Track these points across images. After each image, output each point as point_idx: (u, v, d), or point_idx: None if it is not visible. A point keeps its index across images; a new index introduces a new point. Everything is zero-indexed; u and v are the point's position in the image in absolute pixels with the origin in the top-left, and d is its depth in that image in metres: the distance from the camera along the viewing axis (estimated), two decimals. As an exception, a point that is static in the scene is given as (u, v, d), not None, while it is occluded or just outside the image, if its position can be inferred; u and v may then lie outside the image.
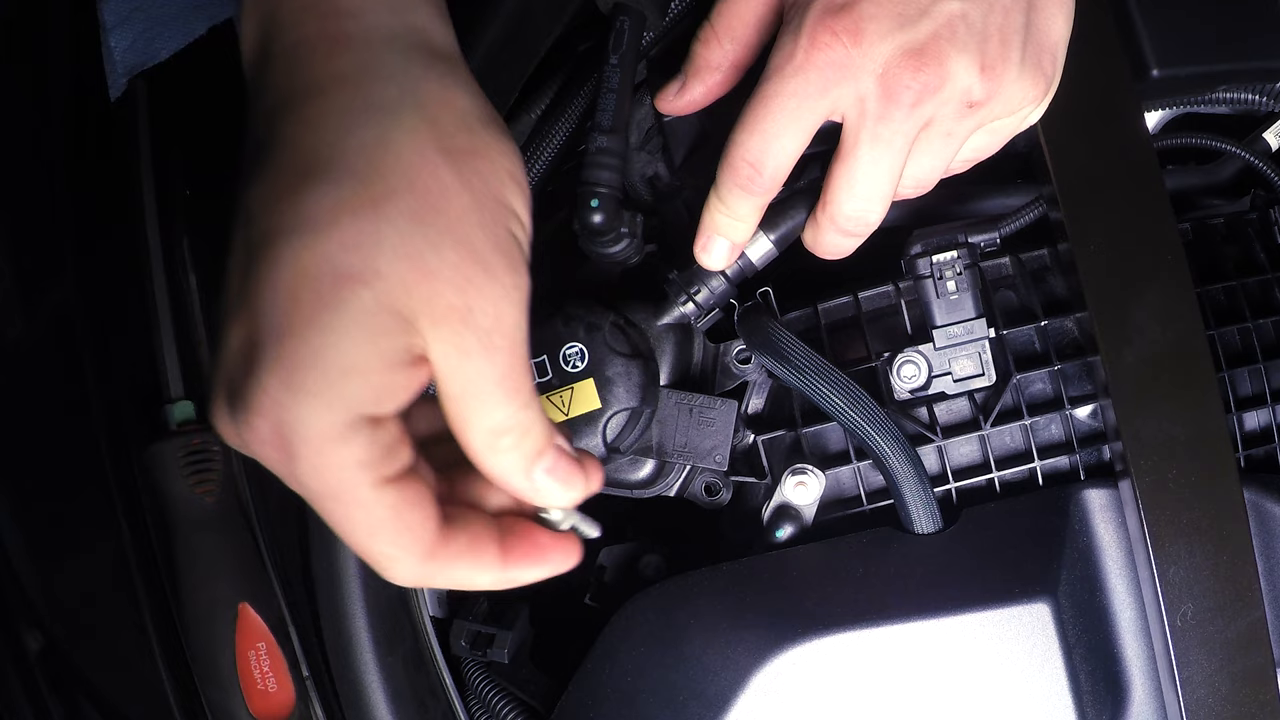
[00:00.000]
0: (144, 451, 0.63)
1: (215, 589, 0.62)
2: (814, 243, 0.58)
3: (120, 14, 0.67)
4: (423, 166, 0.39)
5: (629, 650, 0.58)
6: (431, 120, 0.39)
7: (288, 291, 0.37)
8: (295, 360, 0.37)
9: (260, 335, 0.37)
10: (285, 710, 0.62)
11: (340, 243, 0.37)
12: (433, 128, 0.39)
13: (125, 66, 0.67)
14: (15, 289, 0.70)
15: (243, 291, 0.38)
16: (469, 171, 0.39)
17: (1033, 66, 0.53)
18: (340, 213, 0.37)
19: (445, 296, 0.38)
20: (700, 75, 0.58)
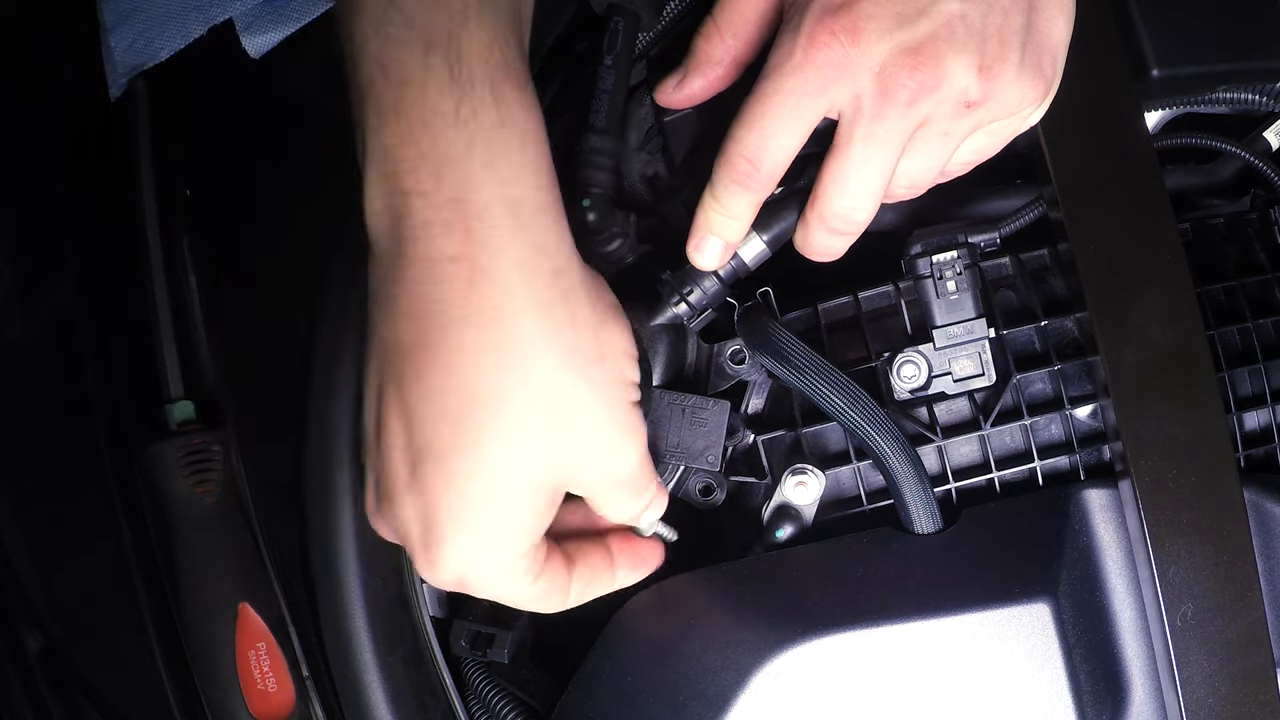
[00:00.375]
0: (144, 451, 0.63)
1: (215, 589, 0.63)
2: (803, 242, 0.58)
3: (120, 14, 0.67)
4: (567, 392, 0.47)
5: (629, 650, 0.58)
6: (568, 349, 0.47)
7: (463, 489, 0.47)
8: (478, 538, 0.48)
9: (437, 514, 0.47)
10: (285, 710, 0.62)
11: (501, 455, 0.47)
12: (568, 356, 0.47)
13: (125, 66, 0.67)
14: (15, 289, 0.70)
15: (415, 480, 0.47)
16: (601, 378, 0.49)
17: (1032, 68, 0.53)
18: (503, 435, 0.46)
19: (591, 471, 0.50)
20: (700, 69, 0.59)
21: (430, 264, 0.45)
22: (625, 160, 0.69)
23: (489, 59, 0.45)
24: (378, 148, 0.45)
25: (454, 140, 0.44)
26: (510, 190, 0.45)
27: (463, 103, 0.44)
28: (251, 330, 0.68)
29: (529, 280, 0.46)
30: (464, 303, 0.45)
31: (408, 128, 0.44)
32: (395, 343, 0.46)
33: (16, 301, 0.69)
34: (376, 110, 0.45)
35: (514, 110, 0.46)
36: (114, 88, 0.68)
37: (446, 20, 0.45)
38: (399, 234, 0.45)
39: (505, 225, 0.45)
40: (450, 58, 0.44)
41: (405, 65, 0.44)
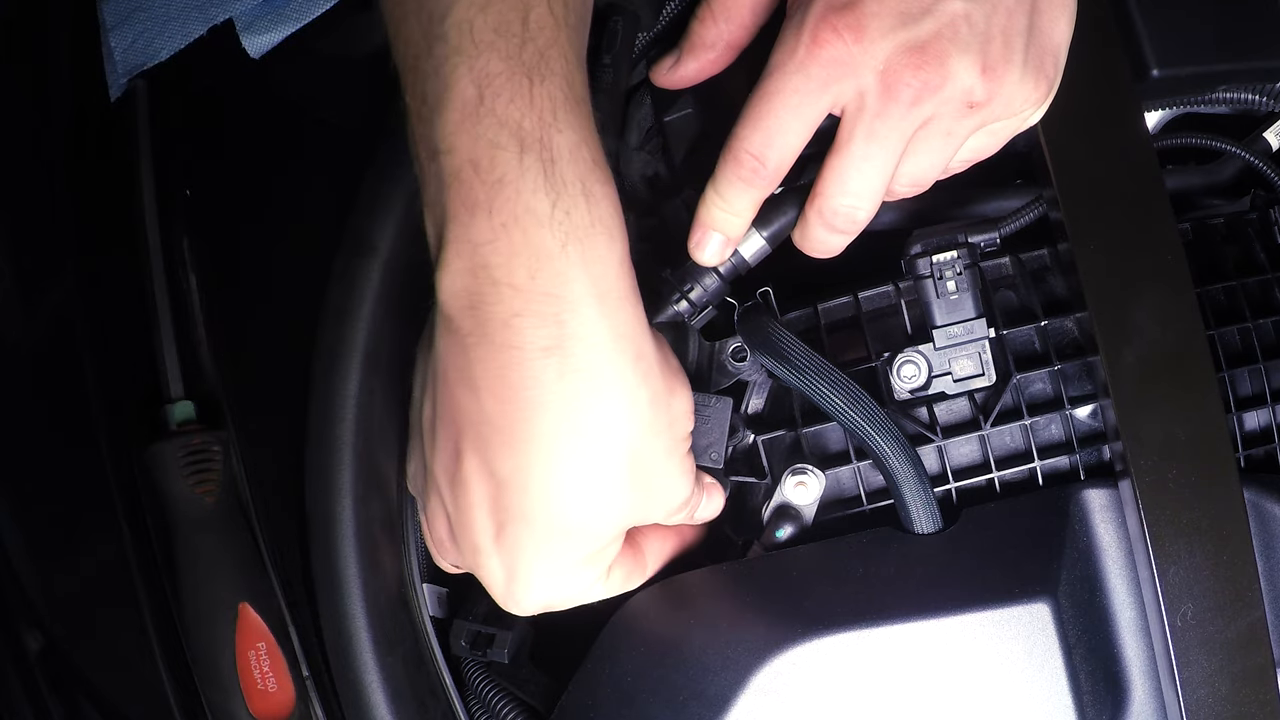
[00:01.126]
0: (144, 451, 0.63)
1: (215, 589, 0.62)
2: (802, 239, 0.58)
3: (120, 14, 0.67)
4: (645, 459, 0.51)
5: (629, 650, 0.58)
6: (647, 425, 0.50)
7: (551, 550, 0.51)
8: (562, 583, 0.53)
9: (523, 569, 0.52)
10: (285, 710, 0.62)
11: (587, 521, 0.51)
12: (648, 430, 0.50)
13: (125, 66, 0.67)
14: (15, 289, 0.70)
15: (502, 539, 0.51)
16: (670, 442, 0.52)
17: (1034, 68, 0.53)
18: (589, 505, 0.50)
19: (658, 513, 0.54)
20: (695, 52, 0.59)
21: (520, 352, 0.47)
22: (625, 160, 0.69)
23: (578, 159, 0.47)
24: (464, 240, 0.46)
25: (548, 240, 0.46)
26: (600, 285, 0.47)
27: (557, 204, 0.46)
28: (251, 330, 0.68)
29: (616, 368, 0.48)
30: (555, 390, 0.47)
31: (501, 225, 0.46)
32: (480, 417, 0.48)
33: (16, 301, 0.69)
34: (466, 205, 0.46)
35: (603, 207, 0.47)
36: (114, 88, 0.68)
37: (538, 122, 0.46)
38: (485, 319, 0.47)
39: (595, 318, 0.47)
40: (544, 159, 0.46)
41: (500, 165, 0.45)
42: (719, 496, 0.60)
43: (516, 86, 0.45)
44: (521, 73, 0.45)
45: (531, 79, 0.46)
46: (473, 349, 0.47)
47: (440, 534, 0.55)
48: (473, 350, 0.47)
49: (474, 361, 0.48)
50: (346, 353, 0.60)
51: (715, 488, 0.60)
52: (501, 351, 0.47)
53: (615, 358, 0.48)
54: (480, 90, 0.45)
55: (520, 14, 0.46)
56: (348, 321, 0.60)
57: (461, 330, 0.48)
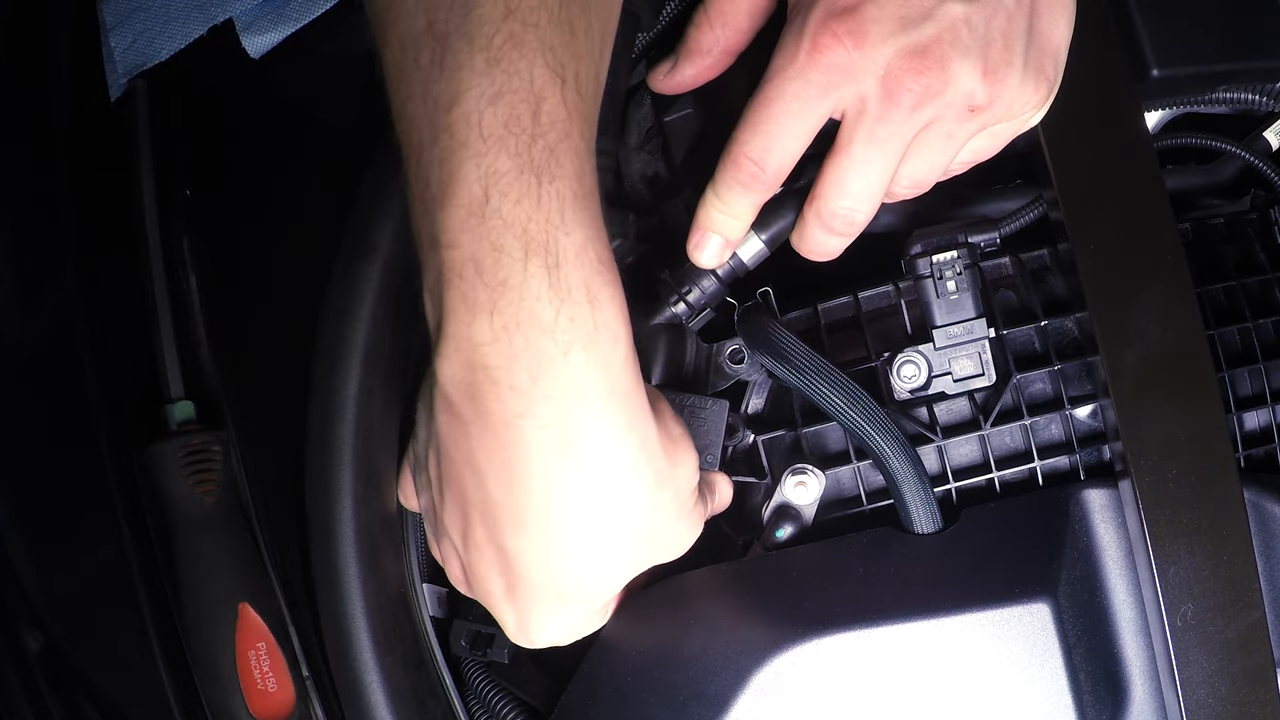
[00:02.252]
0: (144, 451, 0.63)
1: (215, 589, 0.62)
2: (800, 241, 0.58)
3: (120, 14, 0.67)
4: (655, 521, 0.51)
5: (629, 650, 0.58)
6: (655, 495, 0.50)
7: (561, 608, 0.52)
8: (571, 630, 0.55)
9: (533, 621, 0.52)
10: (285, 710, 0.62)
11: (598, 583, 0.52)
12: (656, 498, 0.50)
13: (125, 66, 0.67)
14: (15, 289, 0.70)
15: (512, 597, 0.52)
16: (676, 502, 0.52)
17: (1034, 71, 0.53)
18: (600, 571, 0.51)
19: (669, 556, 0.54)
20: (691, 58, 0.59)
21: (525, 448, 0.46)
22: (625, 160, 0.69)
23: (584, 262, 0.45)
24: (464, 338, 0.45)
25: (550, 347, 0.45)
26: (603, 386, 0.46)
27: (560, 311, 0.44)
28: (251, 330, 0.68)
29: (621, 461, 0.47)
30: (560, 484, 0.47)
31: (502, 328, 0.44)
32: (485, 498, 0.48)
33: (16, 302, 0.69)
34: (466, 304, 0.44)
35: (607, 312, 0.46)
36: (114, 88, 0.68)
37: (544, 225, 0.44)
38: (485, 412, 0.46)
39: (599, 418, 0.46)
40: (549, 264, 0.44)
41: (503, 269, 0.44)
42: (726, 488, 0.61)
43: (524, 187, 0.43)
44: (530, 172, 0.43)
45: (540, 178, 0.44)
46: (475, 436, 0.47)
47: (455, 572, 0.55)
48: (475, 438, 0.47)
49: (477, 449, 0.47)
50: (346, 353, 0.60)
51: (720, 479, 0.61)
52: (505, 446, 0.46)
53: (619, 452, 0.47)
54: (486, 189, 0.43)
55: (531, 108, 0.44)
56: (348, 321, 0.60)
57: (463, 417, 0.47)
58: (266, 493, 0.65)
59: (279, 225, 0.68)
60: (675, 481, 0.51)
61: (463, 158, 0.43)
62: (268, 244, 0.68)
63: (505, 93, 0.43)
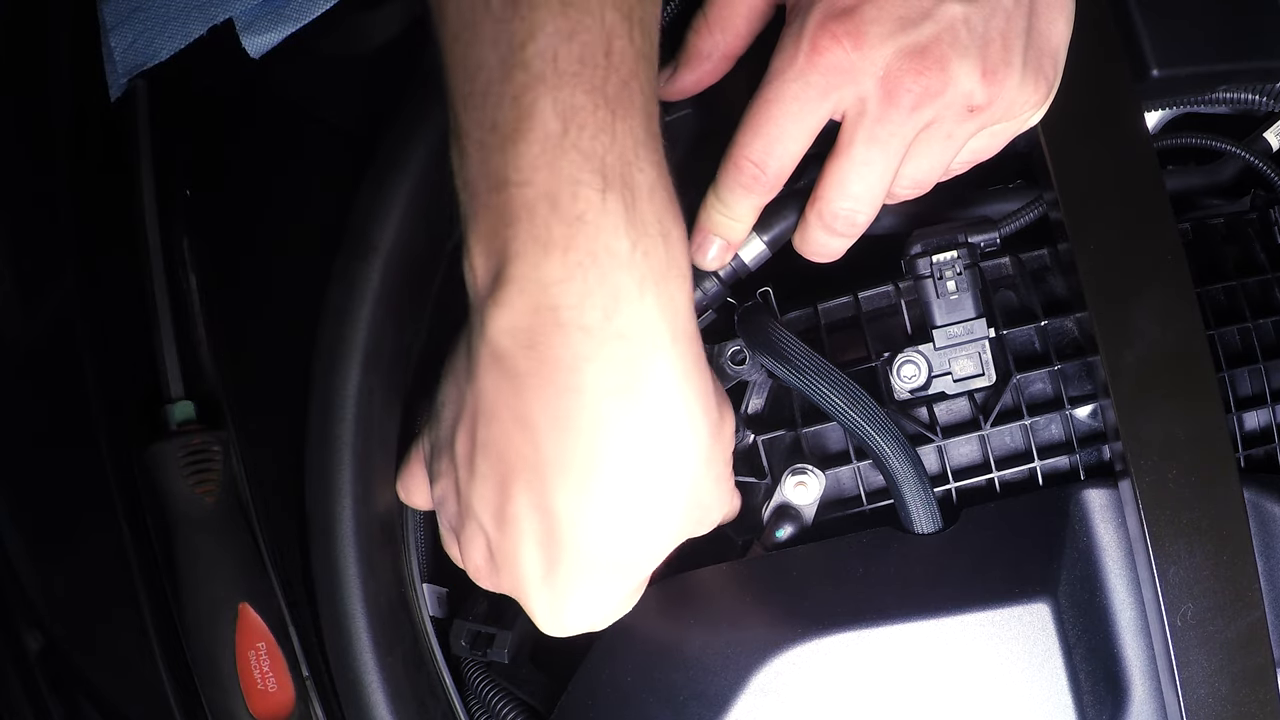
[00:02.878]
0: (144, 451, 0.63)
1: (215, 589, 0.62)
2: (802, 242, 0.58)
3: (120, 14, 0.67)
4: (705, 485, 0.51)
5: (629, 650, 0.58)
6: (709, 451, 0.49)
7: (606, 587, 0.51)
8: (607, 615, 0.54)
9: (571, 605, 0.52)
10: (285, 710, 0.62)
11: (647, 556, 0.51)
12: (710, 457, 0.50)
13: (125, 66, 0.67)
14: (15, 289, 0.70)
15: (552, 575, 0.50)
16: (723, 462, 0.52)
17: (1034, 71, 0.53)
18: (653, 540, 0.50)
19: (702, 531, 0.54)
20: (691, 64, 0.59)
21: (588, 394, 0.45)
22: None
23: (657, 197, 0.45)
24: (531, 279, 0.44)
25: (626, 281, 0.44)
26: (673, 327, 0.46)
27: (637, 244, 0.44)
28: (251, 330, 0.68)
29: (684, 408, 0.47)
30: (621, 431, 0.46)
31: (576, 264, 0.44)
32: (537, 457, 0.47)
33: (16, 301, 0.69)
34: (538, 242, 0.44)
35: (678, 249, 0.46)
36: (114, 88, 0.68)
37: (620, 159, 0.44)
38: (547, 359, 0.45)
39: (667, 361, 0.46)
40: (625, 198, 0.44)
41: (581, 202, 0.44)
42: (735, 500, 0.62)
43: (601, 121, 0.44)
44: (605, 106, 0.44)
45: (615, 113, 0.44)
46: (531, 389, 0.46)
47: (477, 561, 0.54)
48: (530, 391, 0.46)
49: (531, 400, 0.46)
50: (346, 353, 0.60)
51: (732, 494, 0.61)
52: (565, 394, 0.45)
53: (683, 399, 0.47)
54: (565, 123, 0.43)
55: (604, 45, 0.44)
56: (348, 321, 0.60)
57: (517, 370, 0.46)
58: (266, 493, 0.65)
59: (279, 225, 0.68)
60: (724, 437, 0.51)
61: (540, 92, 0.43)
62: (268, 244, 0.68)
63: (580, 30, 0.44)
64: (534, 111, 0.44)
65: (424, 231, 0.61)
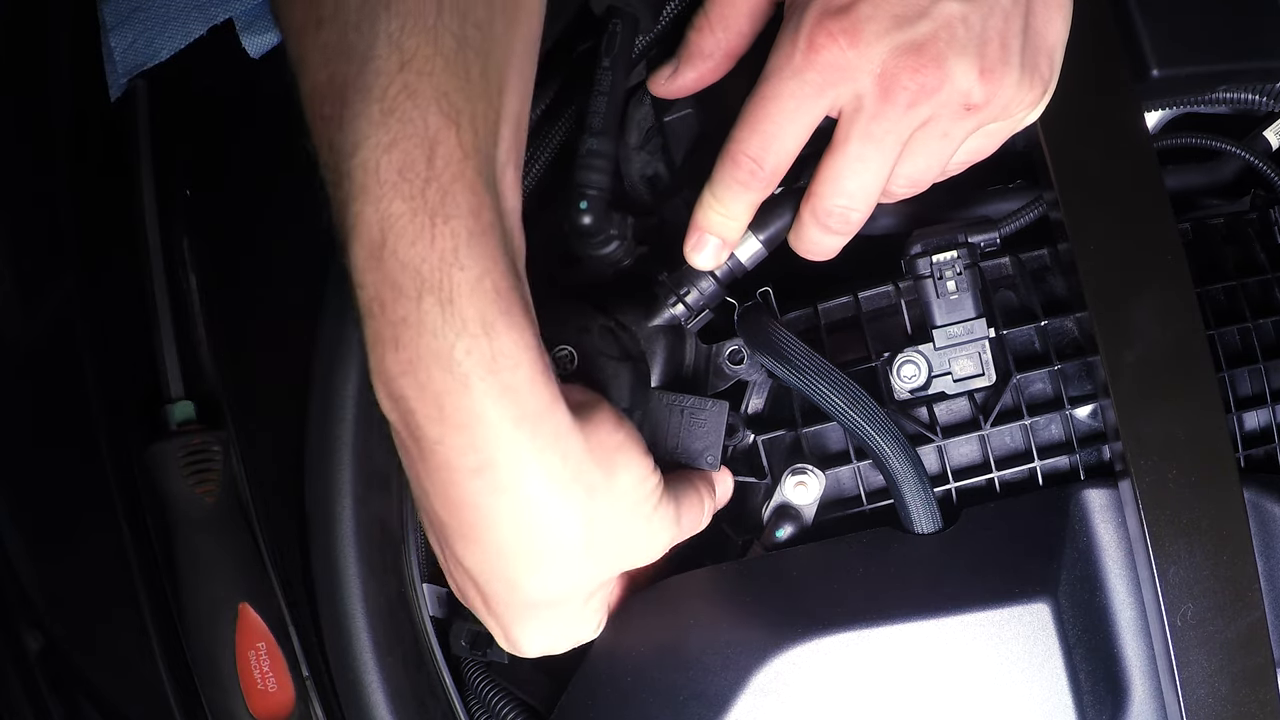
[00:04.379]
0: (144, 451, 0.63)
1: (215, 589, 0.63)
2: (797, 240, 0.58)
3: (120, 14, 0.67)
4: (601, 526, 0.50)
5: (629, 650, 0.58)
6: (590, 509, 0.50)
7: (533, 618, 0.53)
8: (554, 641, 0.55)
9: (515, 632, 0.53)
10: (285, 710, 0.62)
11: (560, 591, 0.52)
12: (593, 509, 0.50)
13: (125, 66, 0.67)
14: (15, 289, 0.70)
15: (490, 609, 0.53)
16: (624, 503, 0.51)
17: (1031, 70, 0.53)
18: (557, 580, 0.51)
19: (641, 557, 0.54)
20: (692, 62, 0.59)
21: (453, 472, 0.47)
22: (625, 161, 0.69)
23: (479, 292, 0.46)
24: (379, 371, 0.46)
25: (450, 381, 0.45)
26: (512, 410, 0.46)
27: (456, 344, 0.45)
28: (251, 330, 0.68)
29: (544, 479, 0.48)
30: (492, 505, 0.48)
31: (408, 361, 0.45)
32: (438, 521, 0.50)
33: (16, 301, 0.69)
34: (378, 340, 0.46)
35: (505, 340, 0.46)
36: (114, 88, 0.68)
37: (438, 262, 0.45)
38: (416, 439, 0.47)
39: (512, 442, 0.47)
40: (442, 299, 0.45)
41: (401, 306, 0.45)
42: (727, 482, 0.61)
43: (418, 228, 0.45)
44: (424, 213, 0.45)
45: (434, 219, 0.45)
46: (416, 462, 0.48)
47: (453, 588, 0.57)
48: (416, 463, 0.48)
49: (420, 474, 0.48)
50: (346, 353, 0.60)
51: (721, 474, 0.61)
52: (438, 470, 0.48)
53: (540, 470, 0.48)
54: (384, 232, 0.45)
55: (426, 153, 0.45)
56: (348, 321, 0.60)
57: (404, 444, 0.48)
58: (266, 493, 0.65)
59: (279, 225, 0.68)
60: (614, 491, 0.51)
61: (363, 203, 0.45)
62: (268, 244, 0.68)
63: (400, 140, 0.45)
64: (359, 221, 0.45)
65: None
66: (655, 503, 0.54)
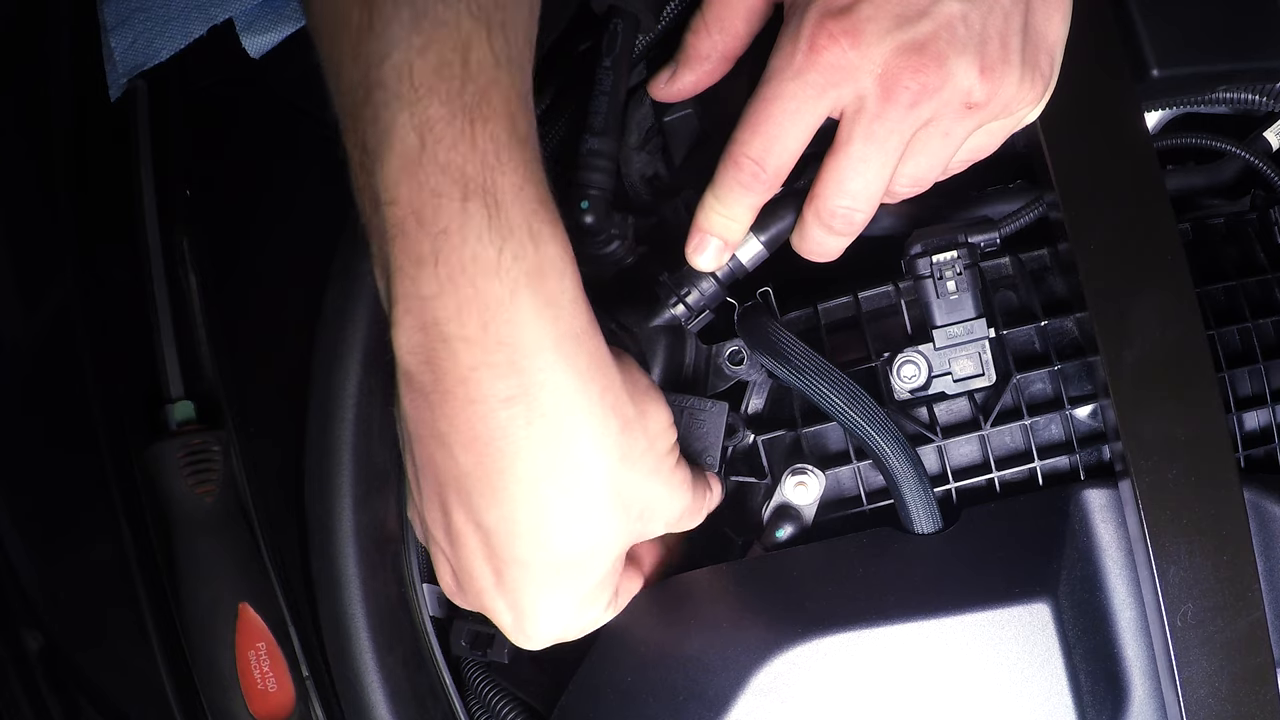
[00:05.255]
0: (144, 451, 0.63)
1: (215, 589, 0.63)
2: (800, 241, 0.58)
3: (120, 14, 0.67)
4: (627, 484, 0.50)
5: (629, 650, 0.58)
6: (623, 452, 0.49)
7: (550, 587, 0.51)
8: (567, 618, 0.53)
9: (527, 608, 0.51)
10: (285, 710, 0.62)
11: (579, 555, 0.50)
12: (624, 457, 0.49)
13: (125, 66, 0.67)
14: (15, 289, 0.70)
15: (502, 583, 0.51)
16: (651, 460, 0.51)
17: (1031, 68, 0.53)
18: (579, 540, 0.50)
19: (656, 527, 0.54)
20: (691, 65, 0.59)
21: (484, 405, 0.46)
22: (625, 161, 0.69)
23: (522, 199, 0.45)
24: (412, 295, 0.45)
25: (497, 288, 0.44)
26: (556, 327, 0.46)
27: (504, 249, 0.44)
28: (251, 330, 0.68)
29: (582, 407, 0.47)
30: (525, 437, 0.46)
31: (447, 276, 0.44)
32: (457, 471, 0.48)
33: (16, 301, 0.69)
34: (411, 257, 0.44)
35: (551, 249, 0.46)
36: (114, 88, 0.68)
37: (480, 165, 0.44)
38: (442, 374, 0.45)
39: (554, 361, 0.46)
40: (488, 204, 0.44)
41: (442, 213, 0.44)
42: (718, 486, 0.61)
43: (458, 131, 0.43)
44: (463, 116, 0.43)
45: (473, 121, 0.44)
46: (437, 405, 0.46)
47: (447, 581, 0.55)
48: (437, 406, 0.46)
49: (440, 417, 0.46)
50: (346, 353, 0.60)
51: (714, 479, 0.60)
52: (465, 406, 0.46)
53: (580, 397, 0.47)
54: (421, 136, 0.43)
55: (460, 55, 0.44)
56: (348, 321, 0.60)
57: (423, 386, 0.46)
58: (266, 493, 0.65)
59: (279, 225, 0.68)
60: (645, 429, 0.50)
61: (396, 109, 0.44)
62: (268, 244, 0.68)
63: (433, 42, 0.44)
64: (392, 129, 0.44)
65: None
66: (675, 460, 0.53)
